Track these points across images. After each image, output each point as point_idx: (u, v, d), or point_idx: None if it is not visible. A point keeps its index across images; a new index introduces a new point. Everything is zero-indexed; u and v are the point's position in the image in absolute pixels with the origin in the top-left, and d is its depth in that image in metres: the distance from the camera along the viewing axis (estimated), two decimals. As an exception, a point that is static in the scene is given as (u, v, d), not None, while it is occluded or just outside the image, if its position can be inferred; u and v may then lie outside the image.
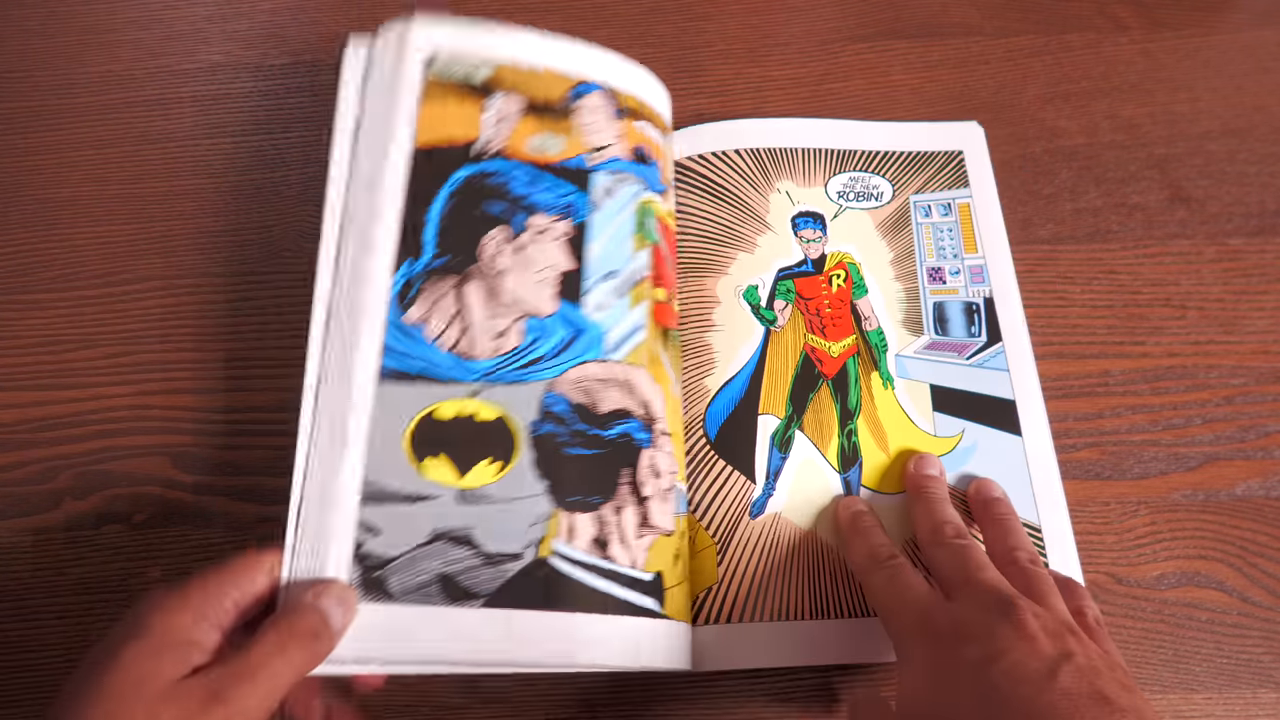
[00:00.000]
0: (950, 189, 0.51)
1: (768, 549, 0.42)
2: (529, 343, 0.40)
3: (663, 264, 0.45)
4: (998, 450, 0.44)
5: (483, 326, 0.40)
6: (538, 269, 0.41)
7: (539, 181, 0.42)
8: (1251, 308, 0.49)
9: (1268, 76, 0.56)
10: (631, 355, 0.41)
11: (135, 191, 0.54)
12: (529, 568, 0.37)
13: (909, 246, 0.50)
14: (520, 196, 0.42)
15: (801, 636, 0.40)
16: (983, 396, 0.45)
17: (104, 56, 0.59)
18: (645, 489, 0.40)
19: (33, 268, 0.51)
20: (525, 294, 0.41)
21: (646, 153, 0.45)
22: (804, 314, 0.47)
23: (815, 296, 0.48)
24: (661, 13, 0.60)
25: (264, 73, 0.58)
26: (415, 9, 0.45)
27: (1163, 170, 0.53)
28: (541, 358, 0.40)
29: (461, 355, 0.39)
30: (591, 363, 0.40)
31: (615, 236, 0.43)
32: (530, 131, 0.43)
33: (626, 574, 0.38)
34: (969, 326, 0.47)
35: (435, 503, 0.37)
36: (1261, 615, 0.42)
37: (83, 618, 0.42)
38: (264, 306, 0.50)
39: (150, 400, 0.47)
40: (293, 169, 0.54)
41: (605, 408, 0.40)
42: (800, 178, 0.51)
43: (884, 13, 0.59)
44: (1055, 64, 0.57)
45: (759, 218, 0.50)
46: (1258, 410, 0.47)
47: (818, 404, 0.45)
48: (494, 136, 0.43)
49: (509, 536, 0.37)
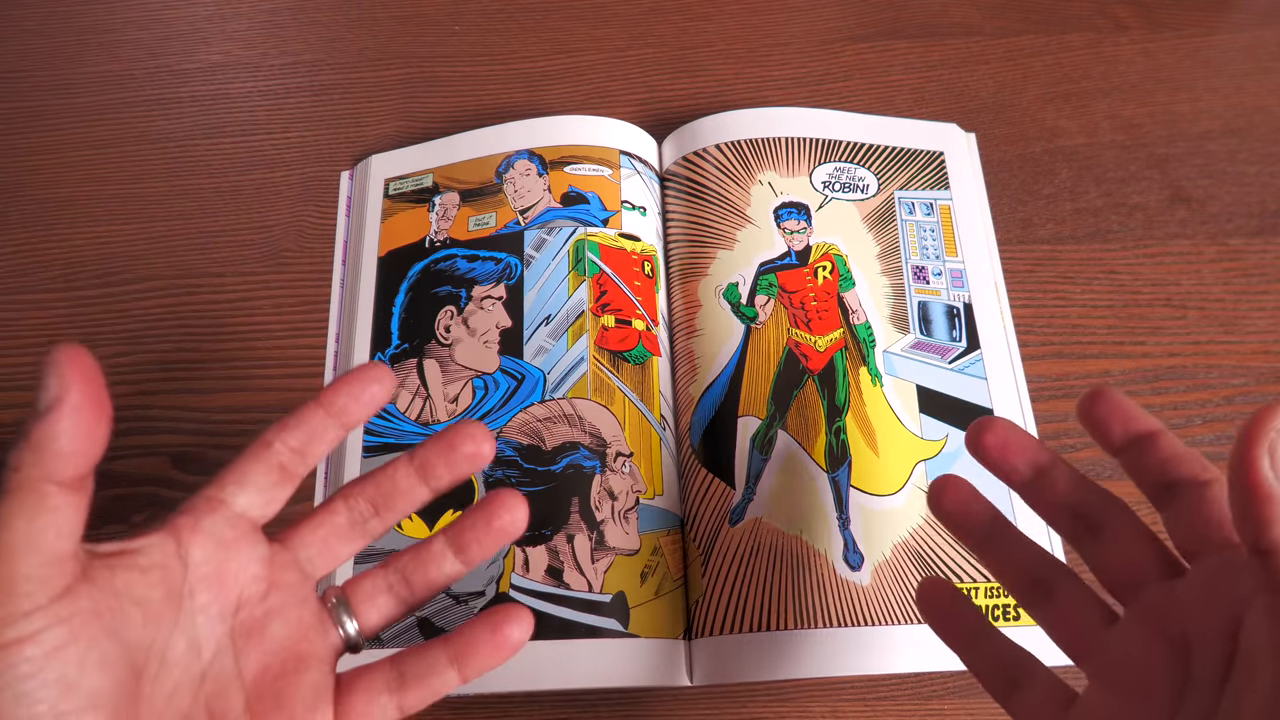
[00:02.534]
0: (932, 189, 0.51)
1: (748, 557, 0.41)
2: (478, 399, 0.45)
3: (612, 289, 0.46)
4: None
5: (440, 394, 0.46)
6: (482, 334, 0.47)
7: (477, 257, 0.49)
8: (1252, 308, 0.49)
9: (1268, 76, 0.56)
10: (575, 389, 0.45)
11: (135, 191, 0.54)
12: (491, 603, 0.41)
13: (895, 242, 0.49)
14: (463, 273, 0.48)
15: (788, 649, 0.39)
16: (963, 402, 0.45)
17: (104, 56, 0.59)
18: (599, 513, 0.42)
19: (33, 268, 0.51)
20: (473, 358, 0.46)
21: (580, 191, 0.49)
22: (788, 308, 0.47)
23: (800, 289, 0.47)
24: (661, 13, 0.60)
25: (264, 73, 0.58)
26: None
27: (1163, 170, 0.53)
28: (490, 410, 0.45)
29: (425, 423, 0.45)
30: (534, 405, 0.45)
31: (549, 284, 0.47)
32: (469, 215, 0.50)
33: (582, 598, 0.40)
34: (950, 330, 0.47)
35: None
36: (1262, 615, 0.42)
37: (82, 618, 0.42)
38: (264, 306, 0.50)
39: (150, 400, 0.47)
40: (293, 169, 0.54)
41: (552, 443, 0.44)
42: (783, 168, 0.50)
43: (884, 13, 0.59)
44: (1055, 64, 0.57)
45: (739, 211, 0.49)
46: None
47: (803, 401, 0.45)
48: (440, 229, 0.50)
49: (472, 577, 0.41)
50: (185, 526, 0.26)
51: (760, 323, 0.46)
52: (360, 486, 0.30)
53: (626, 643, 0.40)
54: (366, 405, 0.29)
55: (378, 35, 0.59)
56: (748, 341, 0.46)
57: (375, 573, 0.30)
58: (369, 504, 0.29)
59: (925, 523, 0.42)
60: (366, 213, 0.52)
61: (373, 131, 0.56)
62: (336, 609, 0.29)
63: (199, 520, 0.26)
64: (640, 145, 0.51)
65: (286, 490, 0.28)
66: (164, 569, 0.25)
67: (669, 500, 0.43)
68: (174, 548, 0.26)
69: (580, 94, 0.57)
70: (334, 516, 0.29)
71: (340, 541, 0.29)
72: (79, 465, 0.23)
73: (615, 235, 0.48)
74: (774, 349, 0.46)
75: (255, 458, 0.28)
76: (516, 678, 0.39)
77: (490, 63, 0.58)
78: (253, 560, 0.27)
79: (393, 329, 0.48)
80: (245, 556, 0.27)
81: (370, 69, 0.58)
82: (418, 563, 0.30)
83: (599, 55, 0.58)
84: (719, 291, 0.47)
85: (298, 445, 0.28)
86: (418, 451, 0.30)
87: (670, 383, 0.46)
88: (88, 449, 0.23)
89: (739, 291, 0.47)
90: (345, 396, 0.28)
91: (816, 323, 0.46)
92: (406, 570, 0.30)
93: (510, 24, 0.60)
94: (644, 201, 0.50)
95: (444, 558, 0.30)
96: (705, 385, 0.45)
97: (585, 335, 0.46)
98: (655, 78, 0.57)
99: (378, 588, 0.30)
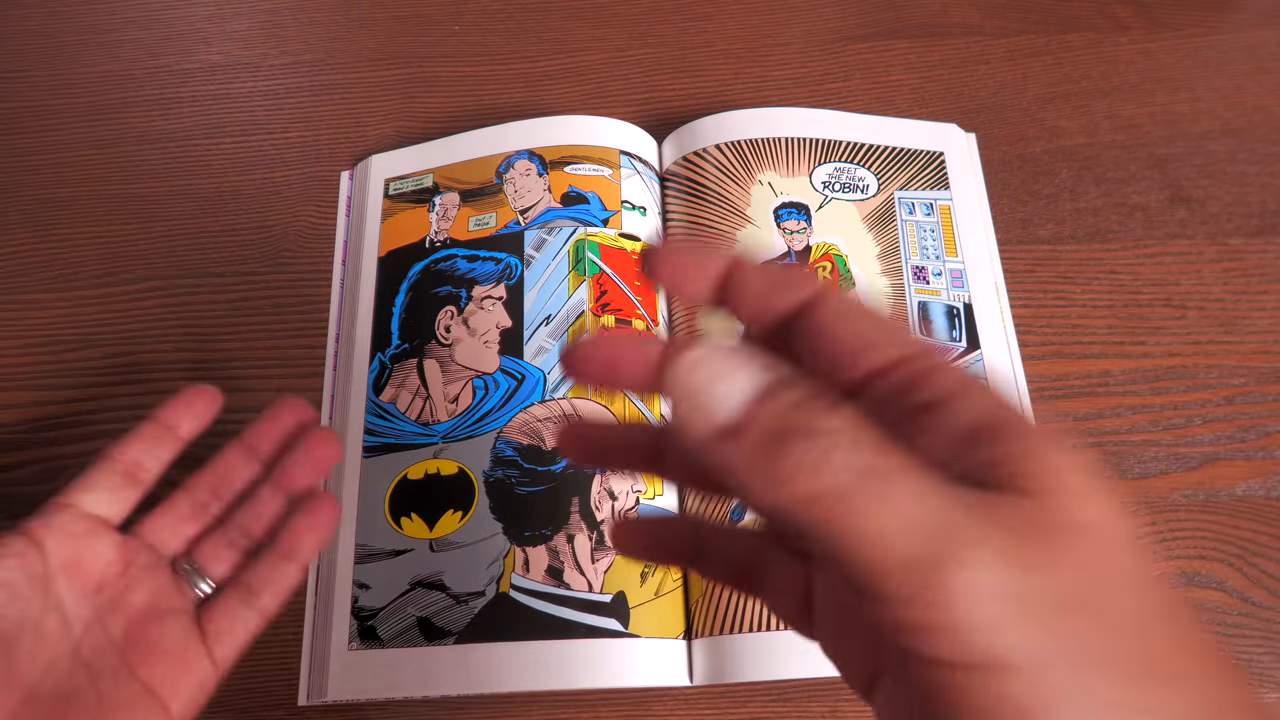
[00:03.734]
0: (932, 189, 0.51)
1: None
2: (479, 399, 0.45)
3: (612, 289, 0.47)
4: None
5: (440, 394, 0.46)
6: (482, 334, 0.47)
7: (477, 257, 0.49)
8: (1252, 308, 0.49)
9: (1268, 76, 0.56)
10: (575, 389, 0.45)
11: (135, 191, 0.54)
12: (492, 603, 0.41)
13: (895, 242, 0.49)
14: (463, 274, 0.48)
15: (788, 649, 0.39)
16: None
17: (104, 56, 0.59)
18: (599, 513, 0.42)
19: (32, 268, 0.51)
20: (473, 358, 0.46)
21: (580, 191, 0.49)
22: None
23: None
24: (661, 13, 0.60)
25: (264, 73, 0.58)
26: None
27: (1163, 170, 0.53)
28: (490, 410, 0.45)
29: (425, 423, 0.45)
30: (535, 405, 0.45)
31: (549, 284, 0.48)
32: (469, 215, 0.50)
33: (582, 598, 0.40)
34: (950, 330, 0.47)
35: (412, 555, 0.43)
36: (1261, 615, 0.42)
37: (82, 618, 0.42)
38: (264, 306, 0.50)
39: (150, 400, 0.47)
40: (293, 169, 0.54)
41: (553, 443, 0.43)
42: (784, 168, 0.51)
43: (884, 13, 0.59)
44: (1055, 64, 0.57)
45: (739, 212, 0.49)
46: (1258, 410, 0.47)
47: None
48: (440, 229, 0.50)
49: (473, 577, 0.42)
50: (37, 525, 0.32)
51: None
52: (199, 477, 0.36)
53: (626, 643, 0.40)
54: (197, 417, 0.36)
55: (378, 35, 0.59)
56: None
57: (214, 534, 0.35)
58: (207, 490, 0.35)
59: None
60: (366, 213, 0.52)
61: (373, 131, 0.56)
62: (185, 571, 0.34)
63: (49, 519, 0.32)
64: (640, 145, 0.51)
65: (133, 492, 0.34)
66: (21, 557, 0.31)
67: (669, 500, 0.43)
68: (27, 542, 0.31)
69: (580, 94, 0.57)
70: (177, 507, 0.35)
71: (186, 524, 0.35)
72: None
73: (615, 235, 0.48)
74: None
75: (98, 467, 0.34)
76: (516, 678, 0.39)
77: (490, 63, 0.58)
78: (106, 548, 0.33)
79: (393, 329, 0.48)
80: (99, 545, 0.32)
81: (370, 69, 0.58)
82: (249, 512, 0.35)
83: (599, 55, 0.58)
84: None
85: (137, 456, 0.34)
86: (244, 435, 0.36)
87: None
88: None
89: None
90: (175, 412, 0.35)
91: None
92: (240, 521, 0.35)
93: (510, 24, 0.60)
94: (644, 201, 0.50)
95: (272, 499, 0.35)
96: None
97: (586, 335, 0.45)
98: (655, 78, 0.57)
99: (219, 546, 0.35)
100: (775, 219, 0.49)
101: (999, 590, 0.16)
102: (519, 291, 0.47)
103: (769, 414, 0.17)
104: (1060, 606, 0.16)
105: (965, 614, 0.16)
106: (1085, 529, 0.17)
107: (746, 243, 0.48)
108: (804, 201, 0.50)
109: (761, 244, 0.48)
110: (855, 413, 0.17)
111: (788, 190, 0.50)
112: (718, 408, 0.18)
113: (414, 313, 0.48)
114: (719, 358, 0.18)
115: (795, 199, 0.50)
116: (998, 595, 0.16)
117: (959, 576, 0.16)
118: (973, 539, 0.16)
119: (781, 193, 0.50)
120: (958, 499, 0.17)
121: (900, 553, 0.16)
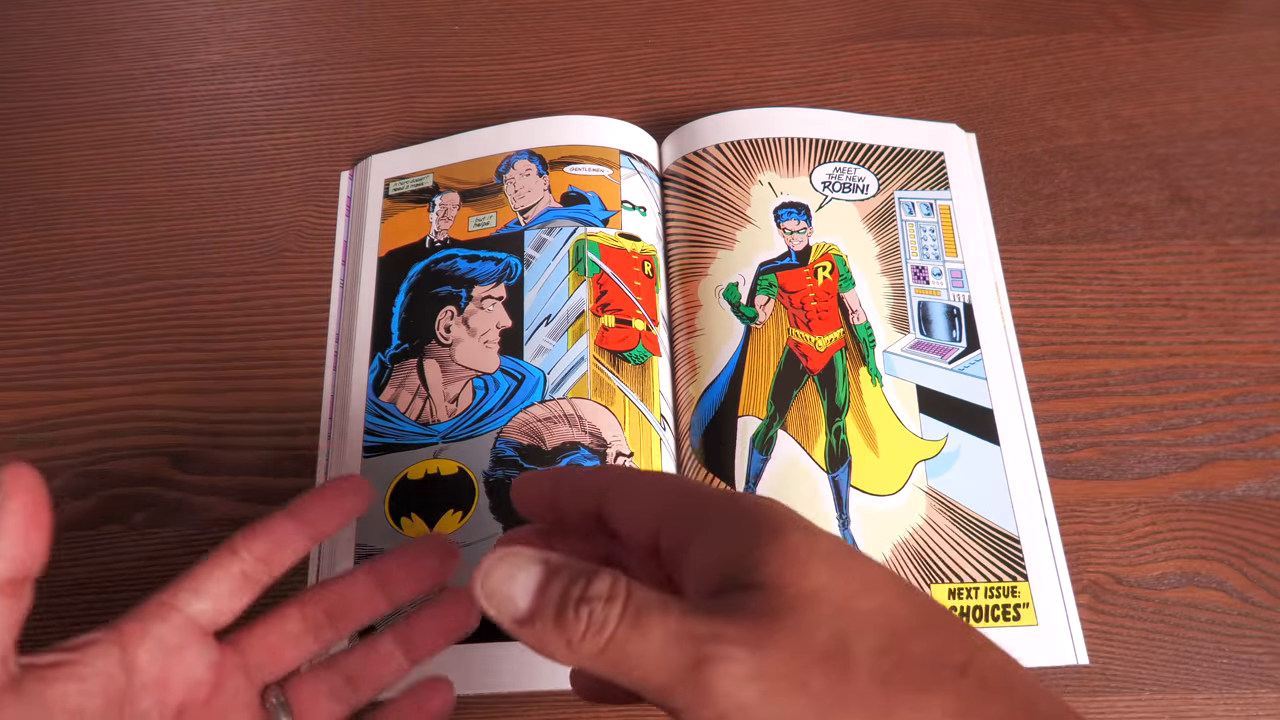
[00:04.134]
0: (932, 189, 0.51)
1: None
2: (479, 399, 0.45)
3: (612, 289, 0.47)
4: (978, 458, 0.44)
5: (440, 394, 0.46)
6: (482, 334, 0.47)
7: (477, 257, 0.49)
8: (1252, 308, 0.49)
9: (1268, 76, 0.56)
10: (575, 389, 0.44)
11: (135, 191, 0.54)
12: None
13: (895, 242, 0.49)
14: (463, 273, 0.48)
15: None
16: (964, 402, 0.45)
17: (103, 56, 0.59)
18: None
19: (32, 268, 0.51)
20: (473, 358, 0.46)
21: (580, 191, 0.49)
22: (787, 308, 0.47)
23: (800, 289, 0.47)
24: (661, 13, 0.60)
25: (264, 73, 0.58)
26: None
27: (1163, 170, 0.53)
28: (491, 410, 0.45)
29: (425, 423, 0.45)
30: (535, 405, 0.44)
31: (549, 284, 0.47)
32: (469, 215, 0.50)
33: None
34: (950, 330, 0.47)
35: None
36: (1262, 615, 0.42)
37: (81, 618, 0.42)
38: (264, 306, 0.50)
39: (150, 400, 0.47)
40: (293, 169, 0.54)
41: (553, 443, 0.44)
42: (783, 168, 0.51)
43: (884, 13, 0.59)
44: (1055, 64, 0.57)
45: (739, 211, 0.49)
46: (1258, 410, 0.47)
47: (802, 401, 0.45)
48: (440, 229, 0.50)
49: None
50: (133, 633, 0.27)
51: (760, 323, 0.46)
52: (318, 593, 0.31)
53: None
54: (341, 517, 0.31)
55: (378, 35, 0.59)
56: (748, 341, 0.46)
57: (319, 673, 0.30)
58: (324, 613, 0.30)
59: (925, 523, 0.42)
60: (366, 213, 0.52)
61: (373, 131, 0.56)
62: (273, 707, 0.29)
63: (148, 626, 0.27)
64: (640, 145, 0.51)
65: (246, 598, 0.29)
66: (106, 677, 0.26)
67: None
68: (118, 654, 0.26)
69: (580, 94, 0.57)
70: (286, 623, 0.30)
71: (291, 648, 0.30)
72: (13, 569, 0.24)
73: (615, 235, 0.48)
74: (774, 349, 0.46)
75: (217, 564, 0.29)
76: (516, 678, 0.39)
77: (490, 63, 0.58)
78: (199, 665, 0.28)
79: (393, 329, 0.48)
80: (191, 661, 0.28)
81: (370, 69, 0.58)
82: (364, 663, 0.31)
83: (599, 55, 0.58)
84: (719, 291, 0.47)
85: (263, 554, 0.29)
86: (379, 562, 0.31)
87: (670, 383, 0.46)
88: (23, 557, 0.25)
89: (739, 291, 0.47)
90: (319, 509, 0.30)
91: (816, 323, 0.46)
92: (351, 671, 0.30)
93: (510, 24, 0.60)
94: (644, 201, 0.50)
95: (391, 659, 0.31)
96: (705, 385, 0.45)
97: (585, 335, 0.46)
98: (655, 78, 0.57)
99: (319, 691, 0.30)
100: (775, 219, 0.49)
101: (747, 673, 0.19)
102: (519, 291, 0.47)
103: (548, 598, 0.21)
104: (796, 672, 0.19)
105: (725, 703, 0.19)
106: (812, 596, 0.20)
107: (745, 243, 0.48)
108: (804, 201, 0.50)
109: (761, 244, 0.48)
110: (613, 574, 0.21)
111: (788, 190, 0.50)
112: (514, 604, 0.22)
113: (414, 313, 0.48)
114: (505, 564, 0.22)
115: (795, 199, 0.50)
116: (747, 677, 0.19)
117: (713, 672, 0.19)
118: (719, 636, 0.19)
119: (781, 193, 0.50)
120: (708, 608, 0.20)
121: (671, 668, 0.19)
